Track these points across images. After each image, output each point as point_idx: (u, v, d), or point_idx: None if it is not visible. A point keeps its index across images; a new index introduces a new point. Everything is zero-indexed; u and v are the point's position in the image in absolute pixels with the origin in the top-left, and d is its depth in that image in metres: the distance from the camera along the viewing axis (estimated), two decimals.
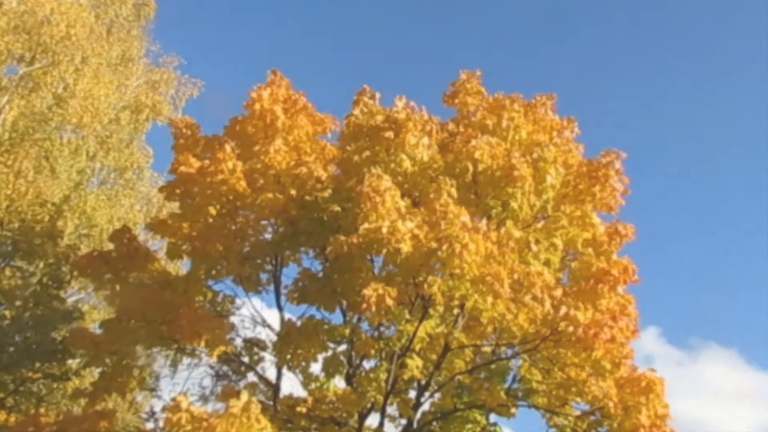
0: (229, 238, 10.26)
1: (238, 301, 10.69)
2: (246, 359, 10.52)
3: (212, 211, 10.42)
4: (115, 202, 14.67)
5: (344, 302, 10.46)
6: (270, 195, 10.21)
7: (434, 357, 10.31)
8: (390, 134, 10.16)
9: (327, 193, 10.30)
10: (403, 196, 9.75)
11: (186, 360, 10.33)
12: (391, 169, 10.08)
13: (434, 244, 9.25)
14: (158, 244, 11.49)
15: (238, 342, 10.52)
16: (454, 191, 9.75)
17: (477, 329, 10.52)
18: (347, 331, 10.24)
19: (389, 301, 9.17)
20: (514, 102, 10.80)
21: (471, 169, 10.20)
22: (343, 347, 10.39)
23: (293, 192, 10.26)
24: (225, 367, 10.37)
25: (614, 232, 10.60)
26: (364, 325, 10.44)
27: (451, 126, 11.13)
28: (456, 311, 10.28)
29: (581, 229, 10.60)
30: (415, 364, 9.80)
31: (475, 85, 11.20)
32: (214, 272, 10.36)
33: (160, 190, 11.26)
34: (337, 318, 10.52)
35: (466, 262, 9.18)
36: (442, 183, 9.78)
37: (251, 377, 10.51)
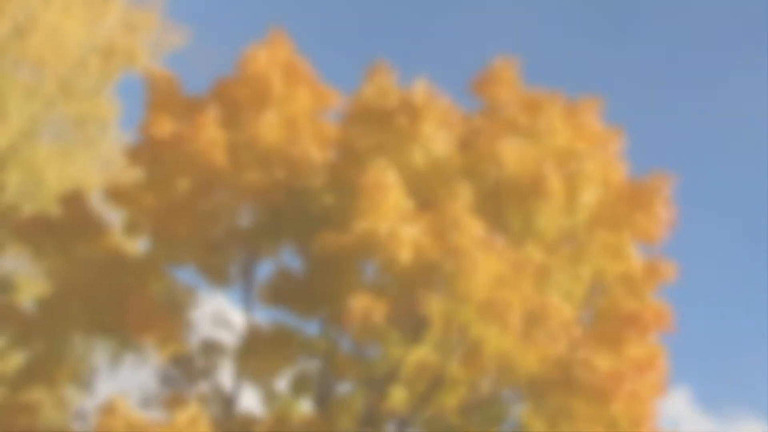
0: (199, 219, 10.18)
1: (199, 295, 10.64)
2: (201, 364, 10.42)
3: (183, 184, 10.35)
4: (71, 159, 14.56)
5: (324, 311, 10.36)
6: (253, 174, 10.12)
7: (421, 388, 10.23)
8: (404, 121, 10.11)
9: (321, 181, 10.26)
10: (409, 195, 9.72)
11: (130, 356, 10.32)
12: (400, 162, 10.01)
13: (439, 257, 9.27)
14: (114, 216, 11.39)
15: (194, 343, 10.44)
16: (469, 197, 9.76)
17: (476, 362, 10.44)
18: (323, 346, 10.19)
19: (377, 318, 9.20)
20: (554, 101, 10.70)
21: (494, 173, 10.18)
22: (316, 364, 10.35)
23: (281, 174, 10.19)
24: (175, 370, 10.31)
25: (652, 269, 10.51)
26: (344, 342, 10.35)
27: (475, 120, 11.05)
28: (454, 339, 10.22)
29: (614, 261, 10.53)
30: (399, 395, 9.75)
31: (510, 75, 11.10)
32: (176, 257, 10.32)
33: (125, 152, 11.19)
34: (312, 328, 10.50)
35: (474, 282, 9.20)
36: (458, 186, 9.79)
37: (204, 386, 10.41)
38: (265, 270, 10.63)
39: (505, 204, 10.20)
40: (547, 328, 9.52)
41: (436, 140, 10.13)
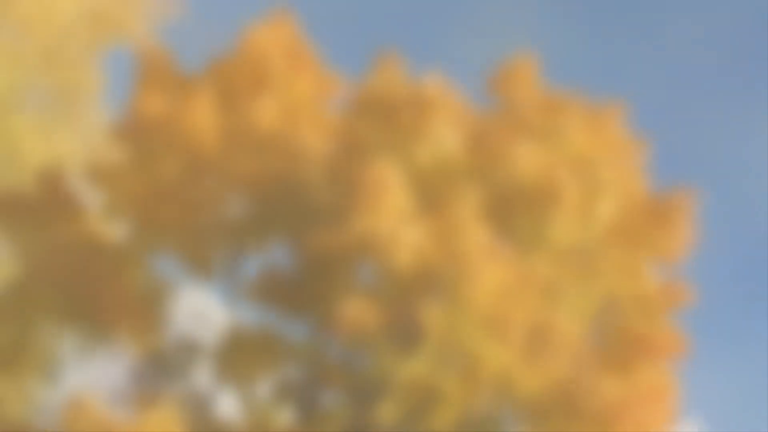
0: (186, 206, 10.23)
1: (179, 288, 10.64)
2: (177, 362, 10.42)
3: (170, 168, 10.37)
4: (50, 133, 14.57)
5: (313, 313, 10.34)
6: (247, 162, 10.16)
7: (413, 403, 10.17)
8: (411, 115, 10.12)
9: (318, 174, 10.27)
10: (412, 195, 9.74)
11: (101, 349, 10.32)
12: (404, 159, 10.04)
13: (441, 263, 9.33)
14: (94, 198, 11.38)
15: (171, 339, 10.44)
16: (477, 201, 9.77)
17: (473, 379, 10.44)
18: (310, 351, 10.20)
19: (371, 325, 9.29)
20: (575, 104, 10.70)
21: (504, 177, 10.20)
22: (301, 370, 10.33)
23: (276, 164, 10.20)
24: (148, 367, 10.30)
25: (669, 291, 10.53)
26: (333, 348, 10.32)
27: (488, 119, 11.05)
28: (451, 353, 10.21)
29: (627, 279, 10.58)
30: (389, 409, 9.76)
31: (529, 73, 11.09)
32: (157, 245, 10.35)
33: (110, 129, 11.19)
34: (299, 332, 10.47)
35: (477, 293, 9.25)
36: (465, 188, 9.83)
37: (179, 386, 10.40)
38: (252, 266, 10.61)
39: (515, 210, 10.21)
40: (551, 347, 9.56)
41: (445, 138, 10.16)
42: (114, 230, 11.25)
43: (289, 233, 10.47)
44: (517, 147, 10.13)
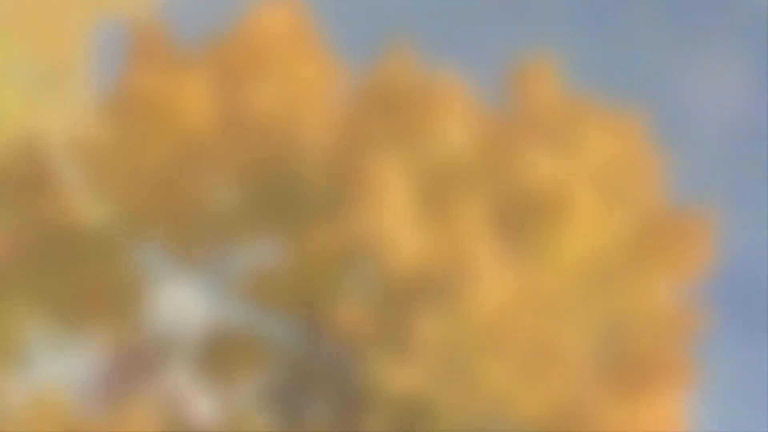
0: (174, 192, 10.25)
1: (160, 280, 10.55)
2: (153, 359, 10.37)
3: (160, 150, 10.32)
4: (33, 106, 14.59)
5: (303, 315, 10.35)
6: (242, 148, 10.19)
7: (404, 417, 10.19)
8: (420, 110, 10.18)
9: (317, 167, 10.26)
10: (415, 195, 9.80)
11: (72, 341, 10.31)
12: (410, 157, 10.11)
13: (442, 270, 9.39)
14: (76, 178, 11.41)
15: (149, 334, 10.38)
16: (484, 206, 9.85)
17: (469, 395, 10.45)
18: (297, 356, 10.23)
19: (365, 331, 9.41)
20: (596, 111, 10.69)
21: (516, 182, 10.22)
22: (286, 375, 10.33)
23: (273, 153, 10.19)
24: (122, 363, 10.27)
25: (685, 315, 10.49)
26: (322, 354, 10.30)
27: (501, 120, 11.06)
28: (447, 366, 10.13)
29: (641, 300, 10.60)
30: (378, 421, 9.89)
31: (549, 74, 11.10)
32: (140, 232, 10.31)
33: (97, 105, 11.17)
34: (287, 334, 10.43)
35: (479, 304, 9.32)
36: (474, 191, 9.88)
37: (154, 385, 10.37)
38: (240, 261, 10.52)
39: (524, 219, 10.21)
40: (555, 367, 9.63)
41: (455, 137, 10.20)
42: (95, 213, 11.27)
43: (282, 228, 10.44)
44: (531, 152, 10.18)
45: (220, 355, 10.04)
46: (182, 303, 10.84)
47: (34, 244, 10.00)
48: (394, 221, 9.47)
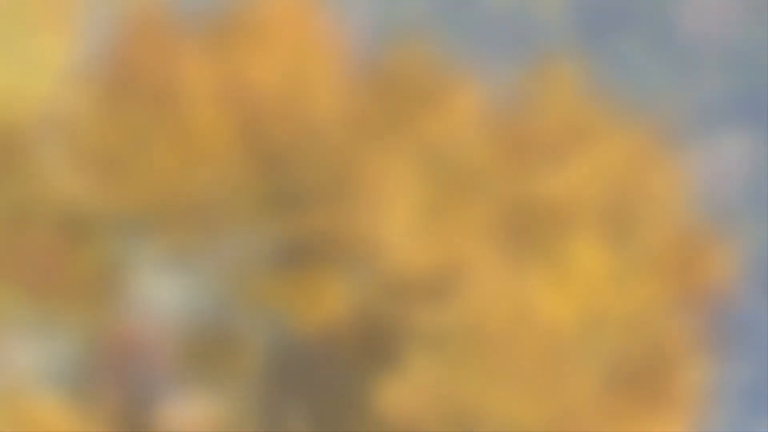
0: (161, 173, 10.22)
1: (140, 270, 10.50)
2: (127, 355, 10.38)
3: (149, 127, 10.29)
4: (12, 70, 14.50)
5: (291, 313, 10.27)
6: (239, 129, 10.13)
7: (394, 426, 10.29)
8: (430, 102, 10.15)
9: (316, 155, 10.19)
10: (419, 192, 9.81)
11: (44, 330, 10.30)
12: (416, 151, 10.08)
13: (442, 276, 9.44)
14: (54, 152, 11.38)
15: (124, 328, 10.38)
16: (494, 209, 9.87)
17: (463, 411, 10.52)
18: (283, 355, 10.12)
19: (354, 337, 9.48)
20: (617, 113, 10.73)
21: (528, 186, 10.22)
22: (266, 379, 10.22)
23: (272, 136, 10.17)
24: (94, 357, 10.25)
25: (697, 337, 10.59)
26: (305, 357, 10.21)
27: (516, 123, 11.11)
28: (440, 379, 10.09)
29: (651, 319, 10.63)
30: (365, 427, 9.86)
31: (565, 76, 11.16)
32: (122, 214, 10.22)
33: (82, 72, 11.11)
34: (271, 332, 10.31)
35: (480, 315, 9.36)
36: (481, 192, 9.90)
37: (127, 382, 10.38)
38: (227, 252, 10.46)
39: (534, 226, 10.27)
40: (555, 386, 9.67)
41: (466, 134, 10.19)
42: (74, 191, 11.22)
43: (277, 217, 10.48)
44: (545, 159, 10.22)
45: (201, 350, 10.04)
46: (165, 294, 10.85)
47: (8, 225, 9.95)
48: (394, 220, 9.52)
